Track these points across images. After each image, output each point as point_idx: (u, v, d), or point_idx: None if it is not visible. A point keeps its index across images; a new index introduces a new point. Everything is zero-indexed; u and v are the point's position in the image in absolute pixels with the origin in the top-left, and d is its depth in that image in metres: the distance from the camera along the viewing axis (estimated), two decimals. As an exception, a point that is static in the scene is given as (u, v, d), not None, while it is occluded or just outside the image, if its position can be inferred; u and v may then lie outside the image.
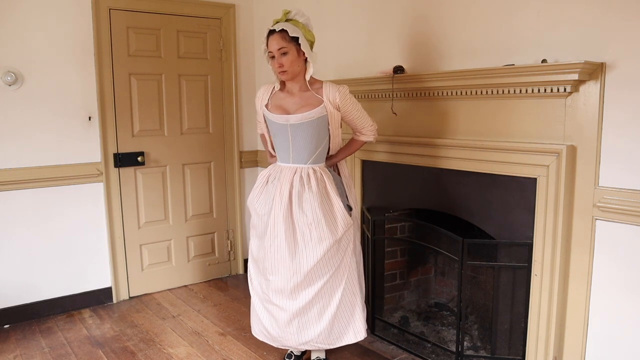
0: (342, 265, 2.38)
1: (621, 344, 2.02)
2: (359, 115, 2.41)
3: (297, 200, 2.31)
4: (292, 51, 2.25)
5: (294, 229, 2.33)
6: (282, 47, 2.23)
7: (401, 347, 2.82)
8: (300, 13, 2.29)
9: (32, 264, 3.26)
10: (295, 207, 2.31)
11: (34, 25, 3.11)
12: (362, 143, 2.53)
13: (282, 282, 2.35)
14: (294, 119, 2.31)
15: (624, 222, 1.95)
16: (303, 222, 2.31)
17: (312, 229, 2.30)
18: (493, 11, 2.32)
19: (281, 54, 2.25)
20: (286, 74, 2.29)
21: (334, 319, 2.39)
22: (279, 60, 2.26)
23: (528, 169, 2.19)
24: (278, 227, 2.33)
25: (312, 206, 2.29)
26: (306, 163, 2.37)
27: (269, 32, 2.28)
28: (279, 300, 2.39)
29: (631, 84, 1.89)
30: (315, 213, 2.29)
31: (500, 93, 2.24)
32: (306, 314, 2.37)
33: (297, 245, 2.33)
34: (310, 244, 2.30)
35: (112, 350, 2.87)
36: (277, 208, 2.33)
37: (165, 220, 3.76)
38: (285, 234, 2.32)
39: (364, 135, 2.48)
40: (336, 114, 2.34)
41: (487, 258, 2.51)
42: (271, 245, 2.36)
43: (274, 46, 2.25)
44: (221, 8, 3.82)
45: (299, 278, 2.32)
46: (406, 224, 3.08)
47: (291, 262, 2.32)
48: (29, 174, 3.17)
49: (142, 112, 3.56)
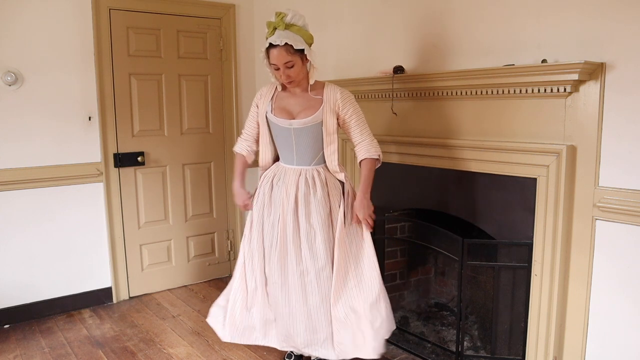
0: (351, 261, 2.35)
1: (621, 344, 2.02)
2: (358, 123, 2.30)
3: (304, 202, 2.31)
4: (298, 62, 2.19)
5: (299, 231, 2.33)
6: (288, 61, 2.17)
7: (401, 347, 2.82)
8: (297, 15, 2.20)
9: (32, 264, 3.26)
10: (301, 209, 2.31)
11: (34, 25, 3.11)
12: (371, 166, 2.31)
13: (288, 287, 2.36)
14: (297, 124, 2.30)
15: (624, 222, 1.95)
16: (308, 225, 2.31)
17: (316, 232, 2.30)
18: (493, 11, 2.32)
19: (287, 67, 2.19)
20: (294, 82, 2.27)
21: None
22: (286, 73, 2.20)
23: (528, 169, 2.19)
24: (287, 230, 2.33)
25: (318, 209, 2.30)
26: (310, 164, 2.37)
27: (269, 45, 2.18)
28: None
29: (631, 84, 1.89)
30: (320, 215, 2.30)
31: (500, 93, 2.24)
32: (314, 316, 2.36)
33: (302, 249, 2.33)
34: (314, 246, 2.31)
35: (112, 350, 2.87)
36: (285, 211, 2.33)
37: (165, 220, 3.76)
38: (292, 237, 2.32)
39: (364, 149, 2.30)
40: (331, 119, 2.28)
41: (487, 258, 2.51)
42: (277, 248, 2.36)
43: (279, 60, 2.16)
44: (221, 8, 3.82)
45: (306, 280, 2.33)
46: (406, 224, 3.08)
47: (297, 266, 2.33)
48: (29, 174, 3.17)
49: (142, 112, 3.56)
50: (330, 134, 2.31)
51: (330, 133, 2.30)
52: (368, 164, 2.33)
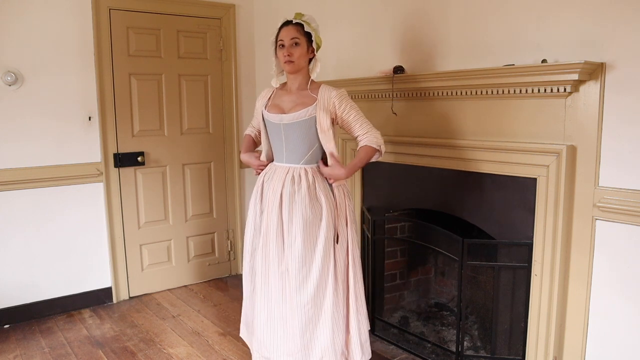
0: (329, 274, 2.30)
1: (621, 344, 2.02)
2: (357, 118, 2.29)
3: (288, 200, 2.28)
4: (303, 44, 2.28)
5: (283, 230, 2.29)
6: (295, 37, 2.26)
7: (401, 347, 2.82)
8: (312, 19, 2.33)
9: (32, 264, 3.26)
10: (285, 207, 2.28)
11: (34, 25, 3.11)
12: (369, 152, 2.27)
13: (272, 287, 2.33)
14: (287, 119, 2.30)
15: (624, 222, 1.95)
16: (290, 224, 2.27)
17: (297, 231, 2.25)
18: (493, 11, 2.33)
19: (293, 44, 2.27)
20: (292, 64, 2.28)
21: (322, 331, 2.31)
22: (289, 50, 2.26)
23: (528, 169, 2.19)
24: (270, 227, 2.31)
25: (301, 207, 2.25)
26: (299, 163, 2.35)
27: (283, 23, 2.30)
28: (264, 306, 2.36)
29: (631, 84, 1.89)
30: (304, 214, 2.25)
31: (500, 93, 2.24)
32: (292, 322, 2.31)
33: (284, 248, 2.30)
34: (294, 246, 2.26)
35: (112, 350, 2.87)
36: (270, 209, 2.31)
37: (165, 220, 3.76)
38: (275, 236, 2.29)
39: (366, 139, 2.27)
40: (324, 117, 2.27)
41: (487, 258, 2.51)
42: (263, 246, 2.35)
43: (287, 35, 2.27)
44: (221, 8, 3.82)
45: (289, 279, 2.29)
46: (406, 224, 3.08)
47: (278, 266, 2.30)
48: (29, 174, 3.17)
49: (142, 112, 3.56)
50: (324, 131, 2.29)
51: (324, 130, 2.29)
52: (367, 149, 2.29)
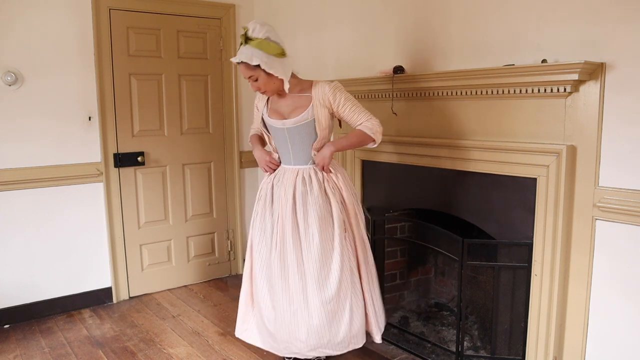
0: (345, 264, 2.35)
1: (621, 344, 2.02)
2: (354, 108, 2.30)
3: (301, 202, 2.32)
4: (261, 75, 2.24)
5: (299, 231, 2.33)
6: (250, 75, 2.26)
7: (401, 347, 2.82)
8: (258, 27, 2.20)
9: (32, 264, 3.26)
10: (299, 208, 2.32)
11: (34, 25, 3.10)
12: (362, 136, 2.31)
13: (290, 288, 2.35)
14: (289, 124, 2.34)
15: (624, 222, 1.95)
16: (306, 224, 2.31)
17: (314, 232, 2.30)
18: (493, 11, 2.33)
19: (252, 81, 2.28)
20: (266, 92, 2.35)
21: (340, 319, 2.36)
22: (253, 85, 2.30)
23: (528, 169, 2.19)
24: (286, 230, 2.33)
25: (315, 208, 2.30)
26: (307, 164, 2.39)
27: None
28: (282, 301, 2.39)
29: (631, 84, 1.89)
30: (319, 213, 2.30)
31: (500, 93, 2.24)
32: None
33: (302, 247, 2.33)
34: (312, 247, 2.30)
35: (112, 350, 2.87)
36: (284, 211, 2.34)
37: (165, 220, 3.76)
38: (292, 237, 2.32)
39: (362, 125, 2.30)
40: (323, 114, 2.30)
41: (487, 258, 2.51)
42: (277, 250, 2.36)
43: (243, 73, 2.29)
44: (221, 8, 3.82)
45: (307, 279, 2.32)
46: (406, 224, 3.08)
47: (297, 267, 2.33)
48: (29, 174, 3.17)
49: (142, 112, 3.56)
50: (323, 129, 2.34)
51: (323, 128, 2.33)
52: (360, 132, 2.31)
